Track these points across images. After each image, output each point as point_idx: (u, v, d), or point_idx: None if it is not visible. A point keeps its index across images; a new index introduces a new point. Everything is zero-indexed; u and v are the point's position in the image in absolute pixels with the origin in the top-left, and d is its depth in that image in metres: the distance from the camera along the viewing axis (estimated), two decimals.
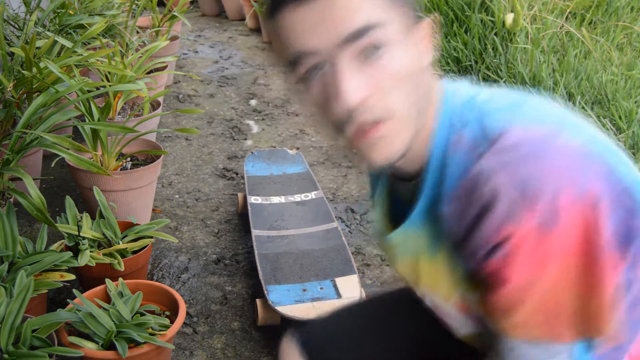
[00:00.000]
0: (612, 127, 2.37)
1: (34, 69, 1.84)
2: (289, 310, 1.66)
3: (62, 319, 1.40)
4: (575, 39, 2.97)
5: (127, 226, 1.91)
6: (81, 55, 2.04)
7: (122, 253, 1.78)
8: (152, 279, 2.03)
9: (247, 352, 1.73)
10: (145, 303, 1.60)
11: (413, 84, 0.70)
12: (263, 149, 2.83)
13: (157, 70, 3.12)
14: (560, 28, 3.05)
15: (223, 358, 1.71)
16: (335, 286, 1.76)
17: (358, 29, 0.66)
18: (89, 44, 2.53)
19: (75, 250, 1.73)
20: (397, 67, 0.69)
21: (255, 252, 1.92)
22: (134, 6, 3.12)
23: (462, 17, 3.14)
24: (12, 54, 2.13)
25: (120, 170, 2.19)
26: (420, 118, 0.73)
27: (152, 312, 1.58)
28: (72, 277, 1.57)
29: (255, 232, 2.02)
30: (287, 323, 1.71)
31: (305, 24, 0.68)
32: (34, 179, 1.78)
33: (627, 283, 0.67)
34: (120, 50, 2.68)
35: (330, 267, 1.84)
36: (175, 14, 3.33)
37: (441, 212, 0.75)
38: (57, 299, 1.90)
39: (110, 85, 2.23)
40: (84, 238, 1.76)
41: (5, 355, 1.27)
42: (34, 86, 1.88)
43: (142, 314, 1.54)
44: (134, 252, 1.80)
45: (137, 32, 3.29)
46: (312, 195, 2.27)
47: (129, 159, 2.30)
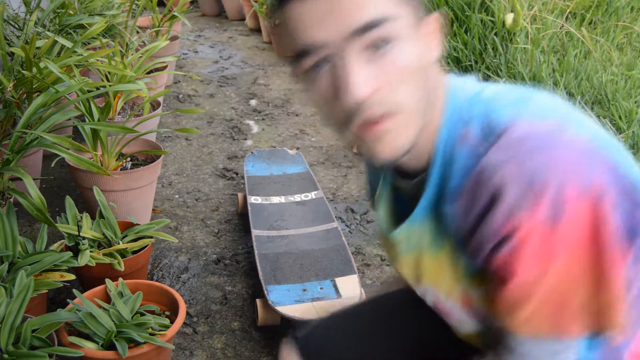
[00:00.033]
0: (612, 127, 2.37)
1: (34, 69, 1.84)
2: (289, 310, 1.66)
3: (62, 319, 1.40)
4: (575, 39, 2.97)
5: (127, 226, 1.91)
6: (81, 55, 2.04)
7: (122, 253, 1.78)
8: (152, 279, 2.03)
9: (247, 352, 1.73)
10: (145, 303, 1.60)
11: (421, 79, 0.70)
12: (263, 149, 2.83)
13: (157, 70, 3.12)
14: (560, 28, 3.05)
15: (223, 358, 1.71)
16: (335, 286, 1.76)
17: (367, 22, 0.66)
18: (89, 44, 2.53)
19: (75, 250, 1.73)
20: (406, 62, 0.68)
21: (255, 252, 1.92)
22: (134, 6, 3.12)
23: (462, 17, 3.14)
24: (12, 54, 2.13)
25: (120, 170, 2.19)
26: (427, 113, 0.73)
27: (152, 312, 1.58)
28: (72, 277, 1.57)
29: (255, 232, 2.02)
30: (287, 324, 1.71)
31: (313, 16, 0.67)
32: (34, 179, 1.78)
33: (630, 278, 0.67)
34: (120, 50, 2.68)
35: (330, 267, 1.84)
36: (175, 14, 3.33)
37: (447, 208, 0.75)
38: (57, 299, 1.90)
39: (110, 85, 2.23)
40: (84, 238, 1.76)
41: (5, 355, 1.27)
42: (34, 86, 1.88)
43: (142, 314, 1.54)
44: (134, 252, 1.80)
45: (137, 32, 3.28)
46: (312, 195, 2.27)
47: (129, 159, 2.30)
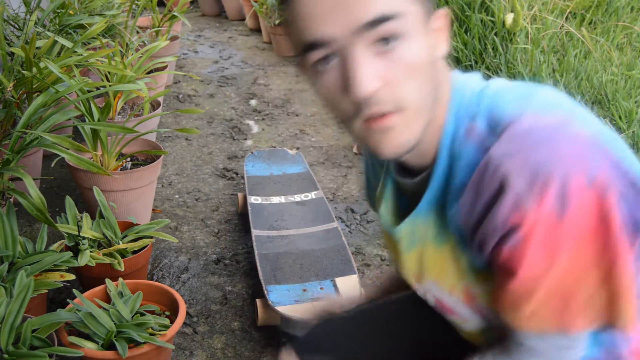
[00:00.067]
0: (612, 127, 2.37)
1: (34, 69, 1.84)
2: (289, 310, 1.66)
3: (62, 319, 1.40)
4: (575, 39, 2.97)
5: (127, 226, 1.91)
6: (81, 55, 2.04)
7: (122, 253, 1.78)
8: (152, 279, 2.03)
9: (247, 352, 1.73)
10: (145, 303, 1.60)
11: (427, 76, 0.70)
12: (263, 149, 2.83)
13: (157, 70, 3.12)
14: (560, 28, 3.05)
15: (223, 358, 1.71)
16: (335, 286, 1.76)
17: (377, 16, 0.65)
18: (89, 44, 2.53)
19: (75, 250, 1.73)
20: (413, 59, 0.68)
21: (255, 252, 1.92)
22: (134, 6, 3.12)
23: (462, 17, 3.14)
24: (12, 54, 2.13)
25: (120, 170, 2.19)
26: (433, 109, 0.73)
27: (152, 312, 1.58)
28: (72, 277, 1.57)
29: (255, 232, 2.02)
30: (287, 324, 1.71)
31: (322, 9, 0.66)
32: (34, 179, 1.78)
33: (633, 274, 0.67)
34: (120, 50, 2.68)
35: (330, 267, 1.84)
36: (175, 14, 3.33)
37: (452, 203, 0.74)
38: (57, 299, 1.90)
39: (110, 85, 2.23)
40: (84, 238, 1.76)
41: (5, 355, 1.27)
42: (34, 86, 1.88)
43: (142, 314, 1.54)
44: (134, 252, 1.80)
45: (137, 32, 3.28)
46: (312, 195, 2.27)
47: (129, 159, 2.30)
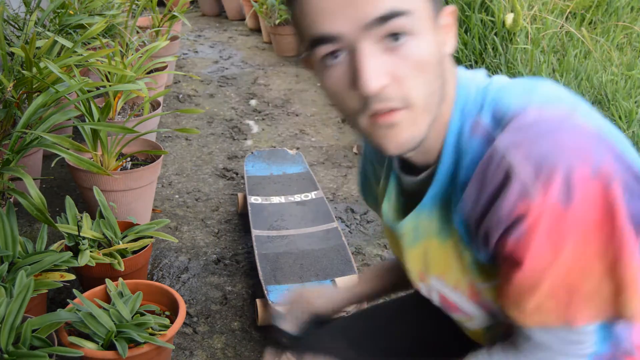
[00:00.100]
0: None
1: (34, 69, 1.84)
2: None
3: (62, 319, 1.40)
4: (575, 39, 2.97)
5: (127, 226, 1.91)
6: (81, 55, 2.04)
7: (122, 253, 1.78)
8: (152, 279, 2.03)
9: (247, 352, 1.73)
10: (145, 303, 1.60)
11: (435, 73, 0.70)
12: (263, 149, 2.83)
13: (157, 70, 3.12)
14: (560, 28, 3.05)
15: (223, 358, 1.71)
16: (335, 286, 1.76)
17: (385, 13, 0.65)
18: (89, 44, 2.53)
19: (75, 250, 1.73)
20: (422, 55, 0.67)
21: (255, 252, 1.92)
22: (134, 6, 3.12)
23: (462, 17, 3.14)
24: (12, 54, 2.13)
25: (120, 170, 2.19)
26: (439, 107, 0.73)
27: (152, 312, 1.58)
28: (72, 277, 1.57)
29: (255, 232, 2.02)
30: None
31: (331, 5, 0.66)
32: (34, 179, 1.78)
33: None
34: (120, 50, 2.68)
35: (330, 267, 1.84)
36: (175, 14, 3.33)
37: (456, 198, 0.74)
38: (57, 299, 1.90)
39: (110, 85, 2.23)
40: (84, 238, 1.76)
41: (5, 355, 1.27)
42: (34, 86, 1.88)
43: (142, 314, 1.54)
44: (134, 252, 1.80)
45: (137, 32, 3.28)
46: (312, 195, 2.27)
47: (129, 159, 2.30)
